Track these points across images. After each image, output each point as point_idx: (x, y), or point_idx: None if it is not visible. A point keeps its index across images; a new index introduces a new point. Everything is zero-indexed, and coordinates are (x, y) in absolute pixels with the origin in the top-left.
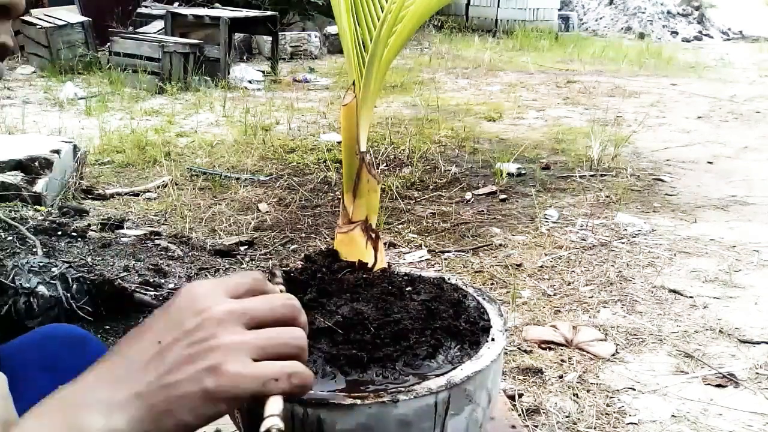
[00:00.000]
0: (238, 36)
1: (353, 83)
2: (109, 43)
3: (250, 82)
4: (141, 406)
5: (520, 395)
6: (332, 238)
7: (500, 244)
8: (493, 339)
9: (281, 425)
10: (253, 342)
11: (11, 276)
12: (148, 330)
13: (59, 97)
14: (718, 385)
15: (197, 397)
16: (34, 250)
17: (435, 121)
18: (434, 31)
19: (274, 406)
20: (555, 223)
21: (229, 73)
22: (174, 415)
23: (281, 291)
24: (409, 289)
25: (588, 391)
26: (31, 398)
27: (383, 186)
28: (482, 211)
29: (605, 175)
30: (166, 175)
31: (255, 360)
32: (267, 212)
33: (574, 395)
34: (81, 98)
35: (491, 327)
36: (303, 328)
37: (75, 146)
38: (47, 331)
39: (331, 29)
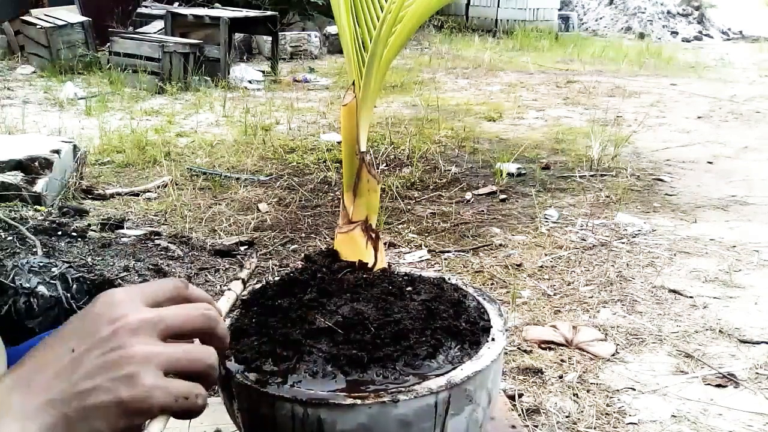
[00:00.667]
0: (238, 36)
1: (353, 83)
2: (109, 43)
3: (250, 82)
4: (54, 414)
5: (520, 395)
6: (332, 238)
7: (500, 244)
8: (493, 339)
9: None
10: (166, 355)
11: (11, 276)
12: (63, 336)
13: (59, 97)
14: (718, 385)
15: (112, 406)
16: (34, 250)
17: (435, 121)
18: (434, 31)
19: (161, 424)
20: (555, 223)
21: (229, 73)
22: (87, 424)
23: (241, 283)
24: (409, 289)
25: (588, 391)
26: None
27: (383, 186)
28: (482, 211)
29: (605, 175)
30: (166, 175)
31: (165, 374)
32: (267, 212)
33: (574, 395)
34: (81, 98)
35: (491, 327)
36: (223, 337)
37: (75, 146)
38: None
39: (331, 29)
